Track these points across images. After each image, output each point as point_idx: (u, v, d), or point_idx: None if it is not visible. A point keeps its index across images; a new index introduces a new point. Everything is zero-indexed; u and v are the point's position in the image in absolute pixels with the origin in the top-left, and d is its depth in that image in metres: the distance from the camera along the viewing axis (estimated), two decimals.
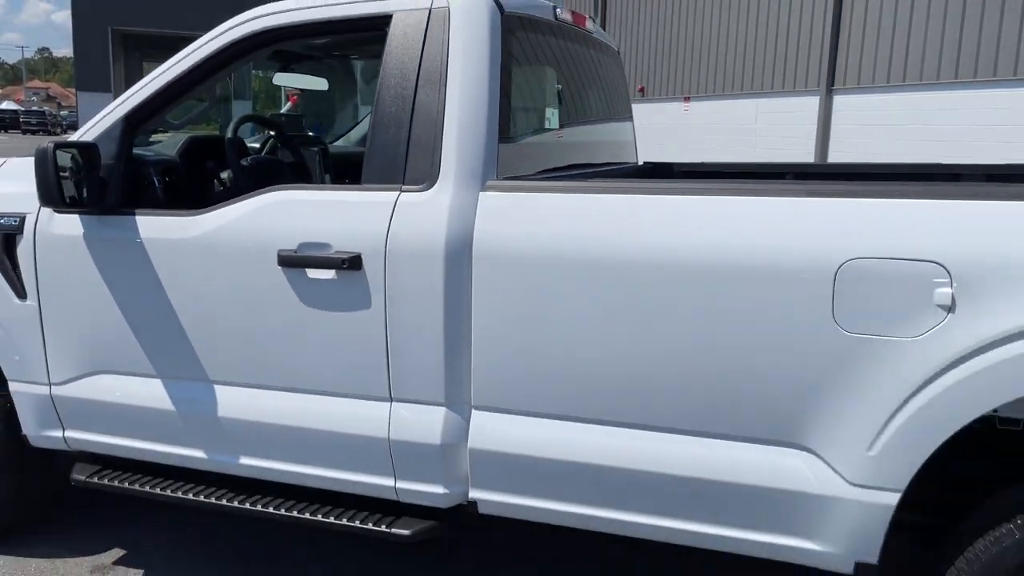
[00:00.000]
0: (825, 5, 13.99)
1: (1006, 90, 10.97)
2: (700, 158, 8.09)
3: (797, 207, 2.08)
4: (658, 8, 19.21)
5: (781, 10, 15.17)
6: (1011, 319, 1.87)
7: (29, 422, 2.95)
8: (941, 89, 11.95)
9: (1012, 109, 10.86)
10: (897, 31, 12.69)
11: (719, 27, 17.00)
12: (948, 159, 8.35)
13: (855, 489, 2.05)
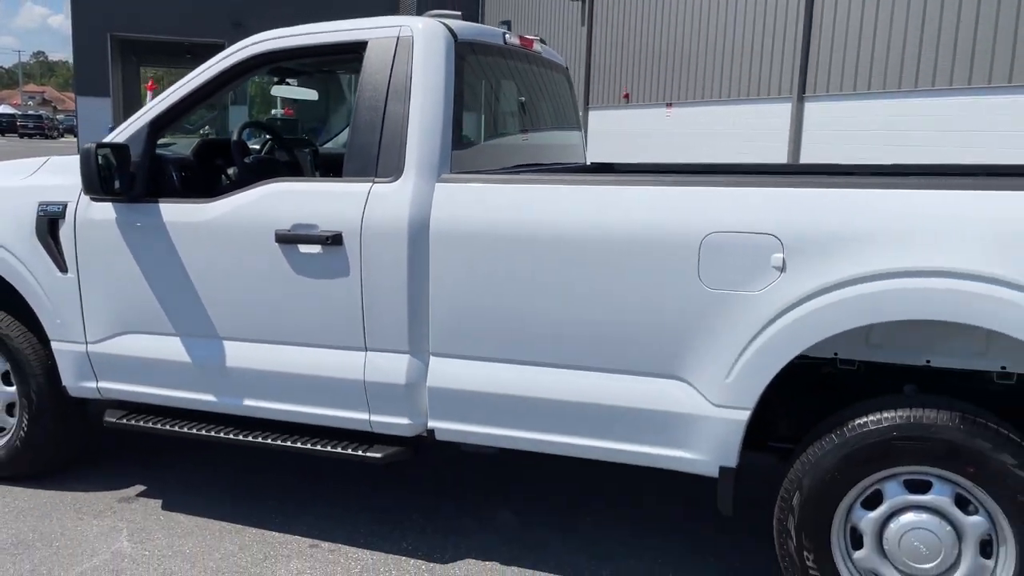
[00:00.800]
0: (797, 17, 14.67)
1: (963, 98, 11.64)
2: (680, 161, 8.71)
3: (672, 193, 2.71)
4: (642, 18, 19.87)
5: (756, 21, 15.85)
6: (821, 278, 2.51)
7: (68, 375, 3.57)
8: (904, 97, 12.62)
9: (967, 116, 11.53)
10: (863, 42, 13.37)
11: (699, 37, 17.67)
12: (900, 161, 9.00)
13: (717, 409, 2.68)
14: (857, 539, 2.63)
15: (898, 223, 2.48)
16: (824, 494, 2.60)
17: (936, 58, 12.04)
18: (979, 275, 2.39)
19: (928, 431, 2.48)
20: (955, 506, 2.52)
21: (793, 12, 14.79)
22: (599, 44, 21.88)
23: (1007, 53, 11.02)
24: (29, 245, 3.53)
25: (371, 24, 3.22)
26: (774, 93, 15.36)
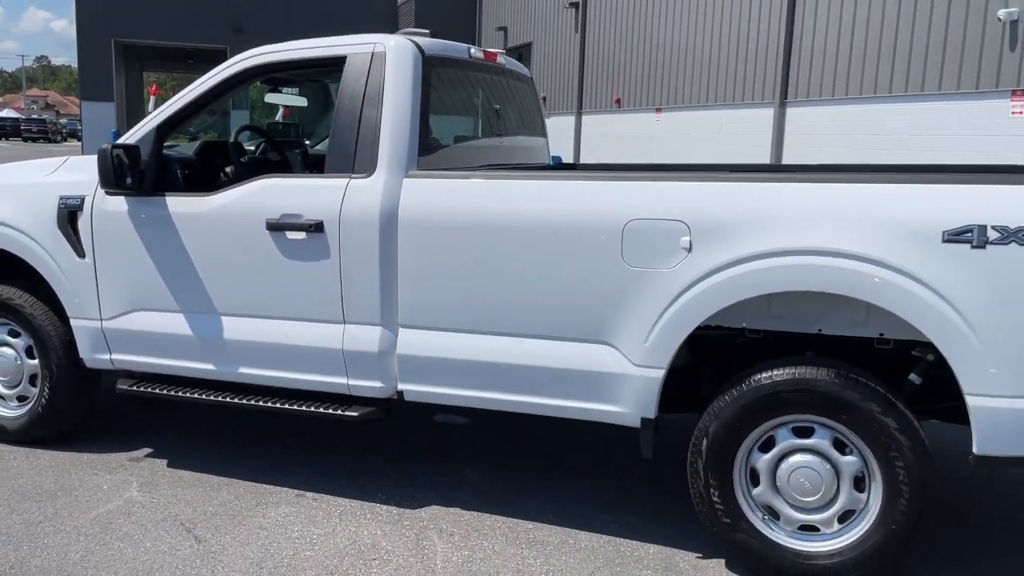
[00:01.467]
0: (778, 26, 15.18)
1: (933, 103, 12.13)
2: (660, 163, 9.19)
3: (601, 187, 3.20)
4: (633, 26, 20.39)
5: (740, 30, 16.35)
6: (721, 257, 2.99)
7: (85, 348, 4.06)
8: (878, 102, 13.12)
9: (936, 119, 12.03)
10: (840, 51, 13.87)
11: (687, 44, 18.18)
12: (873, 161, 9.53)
13: (638, 368, 3.17)
14: (754, 477, 3.12)
15: (786, 211, 2.97)
16: (726, 440, 3.08)
17: (908, 67, 12.55)
18: (853, 254, 2.87)
19: (809, 385, 2.97)
20: (833, 448, 3.01)
21: (775, 22, 15.30)
22: (592, 50, 22.40)
23: (973, 62, 11.53)
24: (51, 234, 4.02)
25: (350, 41, 3.71)
26: (757, 98, 15.85)
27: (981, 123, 11.40)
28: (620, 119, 20.95)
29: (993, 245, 2.73)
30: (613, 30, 21.32)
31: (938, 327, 2.80)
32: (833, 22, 13.97)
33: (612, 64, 21.39)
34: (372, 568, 3.15)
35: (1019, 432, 2.78)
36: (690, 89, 18.06)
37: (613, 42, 21.32)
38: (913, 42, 12.47)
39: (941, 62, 12.00)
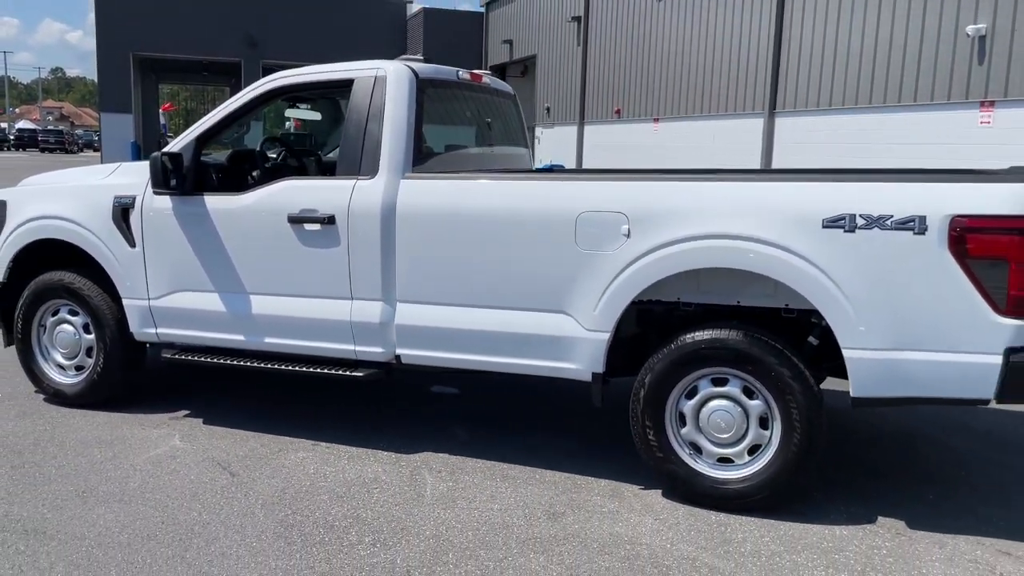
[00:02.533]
0: (768, 41, 15.93)
1: (913, 113, 12.86)
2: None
3: (560, 186, 3.96)
4: (631, 40, 21.17)
5: (732, 44, 17.11)
6: (652, 241, 3.73)
7: (135, 323, 4.83)
8: (861, 112, 13.85)
9: (916, 129, 12.75)
10: (824, 65, 14.61)
11: (682, 57, 18.95)
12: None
13: (589, 332, 3.91)
14: (682, 419, 3.85)
15: (703, 205, 3.71)
16: (659, 388, 3.82)
17: (887, 80, 13.28)
18: (753, 237, 3.61)
19: (722, 343, 3.71)
20: (743, 394, 3.75)
21: (764, 39, 16.06)
22: (593, 63, 23.19)
23: (946, 75, 12.26)
24: (106, 227, 4.79)
25: (357, 66, 4.48)
26: (748, 109, 16.61)
27: (953, 132, 12.14)
28: (620, 129, 21.71)
29: (860, 230, 3.47)
30: (613, 44, 22.10)
31: (820, 296, 3.54)
32: (818, 40, 14.72)
33: (612, 76, 22.16)
34: (373, 494, 3.90)
35: (883, 378, 3.52)
36: (686, 100, 18.82)
37: (613, 55, 22.10)
38: (891, 57, 13.21)
39: (916, 75, 12.74)
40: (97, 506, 3.73)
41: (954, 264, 3.38)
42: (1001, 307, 3.36)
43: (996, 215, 3.34)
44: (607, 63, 22.39)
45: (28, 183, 5.41)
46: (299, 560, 3.29)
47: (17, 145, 64.03)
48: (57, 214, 4.93)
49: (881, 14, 13.36)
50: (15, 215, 5.11)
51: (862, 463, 4.46)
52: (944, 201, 3.40)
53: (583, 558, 3.35)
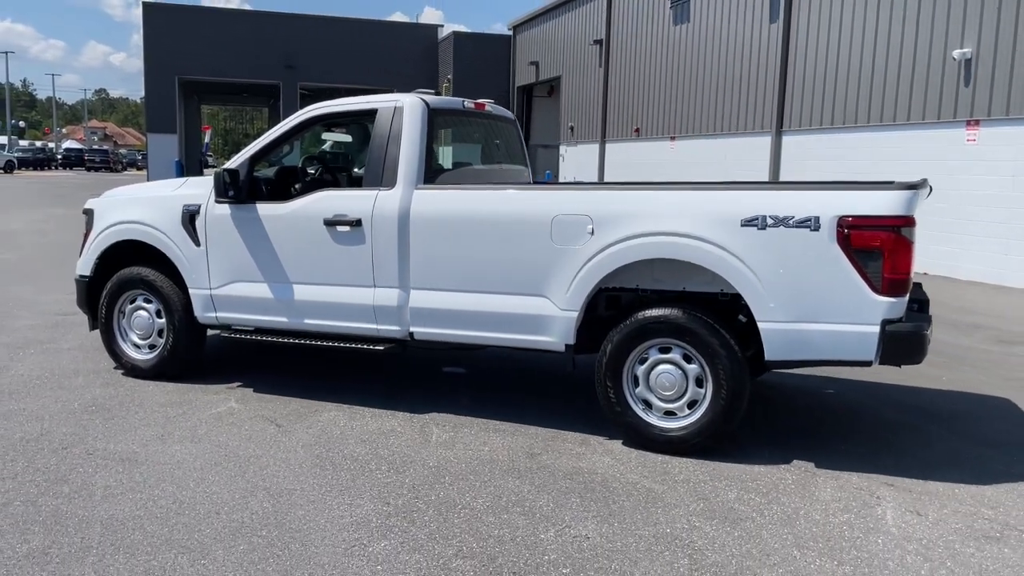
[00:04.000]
0: (774, 64, 16.83)
1: (905, 132, 13.67)
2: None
3: (539, 195, 4.96)
4: (649, 62, 22.15)
5: (741, 67, 18.03)
6: (611, 238, 4.71)
7: (198, 309, 5.89)
8: (859, 131, 14.68)
9: (908, 146, 13.56)
10: (827, 86, 15.48)
11: (695, 78, 19.89)
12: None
13: (562, 311, 4.88)
14: (636, 381, 4.81)
15: (649, 209, 4.68)
16: (618, 355, 4.78)
17: (883, 101, 14.12)
18: (687, 234, 4.57)
19: (667, 319, 4.66)
20: (683, 360, 4.70)
21: (771, 60, 16.96)
22: (614, 84, 24.19)
23: (935, 96, 13.09)
24: (176, 230, 5.87)
25: (380, 99, 5.53)
26: (756, 127, 17.49)
27: (942, 149, 12.95)
28: (639, 147, 22.65)
29: (769, 227, 4.42)
30: (633, 66, 23.08)
31: (739, 280, 4.49)
32: (820, 64, 15.61)
33: (632, 96, 23.13)
34: (390, 440, 4.90)
35: (789, 344, 4.45)
36: (700, 119, 19.73)
37: (633, 76, 23.08)
38: (886, 80, 14.07)
39: (910, 96, 13.58)
40: (174, 445, 4.77)
41: (841, 254, 4.32)
42: (878, 288, 4.29)
43: (873, 215, 4.28)
44: (627, 84, 23.38)
45: (110, 195, 6.51)
46: (330, 479, 4.30)
47: (64, 164, 66.47)
48: (136, 219, 6.03)
49: (877, 40, 14.22)
50: (100, 221, 6.22)
51: (798, 426, 5.39)
52: (833, 205, 4.34)
53: (549, 481, 4.32)
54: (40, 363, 6.50)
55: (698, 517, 3.93)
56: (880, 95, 14.17)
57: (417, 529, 3.75)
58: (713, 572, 3.40)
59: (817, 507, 4.08)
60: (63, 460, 4.49)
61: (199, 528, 3.71)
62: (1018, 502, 4.18)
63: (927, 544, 3.70)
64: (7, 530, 3.65)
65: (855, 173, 14.43)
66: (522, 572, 3.38)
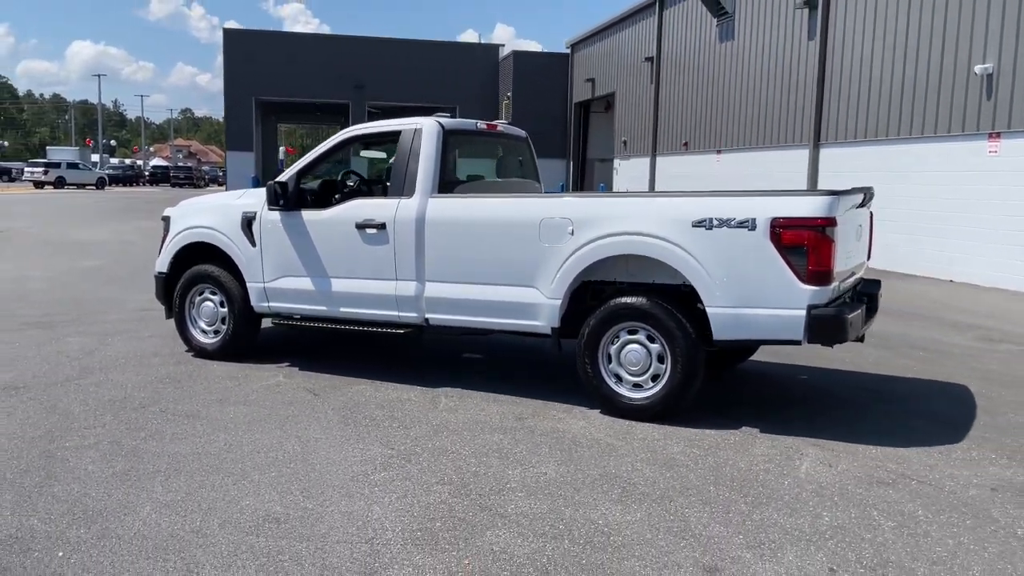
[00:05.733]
0: (812, 77, 17.41)
1: (933, 144, 14.15)
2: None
3: (529, 202, 5.90)
4: (697, 79, 22.86)
5: (783, 80, 18.64)
6: (588, 237, 5.61)
7: (254, 299, 6.99)
8: (890, 143, 15.19)
9: (936, 157, 14.05)
10: (860, 103, 16.02)
11: (740, 93, 20.54)
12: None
13: (548, 299, 5.81)
14: (609, 358, 5.69)
15: (619, 212, 5.58)
16: (594, 335, 5.67)
17: (912, 115, 14.63)
18: (648, 234, 5.45)
19: (633, 306, 5.54)
20: (647, 340, 5.56)
21: (811, 75, 17.55)
22: (664, 99, 24.94)
23: (960, 109, 13.56)
24: (237, 234, 6.98)
25: (403, 122, 6.55)
26: (796, 141, 18.07)
27: (966, 160, 13.43)
28: (688, 160, 23.35)
29: (715, 228, 5.27)
30: (682, 81, 23.82)
31: (690, 272, 5.35)
32: (855, 79, 16.18)
33: (681, 111, 23.86)
34: (404, 406, 5.88)
35: (731, 325, 5.28)
36: (744, 133, 20.37)
37: (682, 92, 23.81)
38: (915, 95, 14.58)
39: (936, 110, 14.09)
40: (229, 407, 5.85)
41: (773, 250, 5.14)
42: (803, 278, 5.09)
43: (800, 217, 5.09)
44: (676, 100, 24.12)
45: (183, 205, 7.68)
46: (350, 431, 5.30)
47: (151, 180, 70.02)
48: (204, 225, 7.18)
49: (907, 56, 14.74)
50: (175, 226, 7.39)
51: (760, 403, 6.19)
52: (767, 208, 5.17)
53: (528, 437, 5.24)
54: (125, 347, 7.70)
55: (642, 463, 4.80)
56: (909, 109, 14.67)
57: (412, 466, 4.71)
58: (637, 497, 4.28)
59: (746, 459, 4.90)
60: (141, 415, 5.61)
61: (242, 461, 4.74)
62: (922, 459, 4.93)
63: (825, 485, 4.50)
64: (98, 459, 4.74)
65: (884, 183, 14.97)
66: (486, 494, 4.31)
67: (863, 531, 3.92)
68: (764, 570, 3.53)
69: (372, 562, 3.55)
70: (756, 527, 3.95)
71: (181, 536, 3.76)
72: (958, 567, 3.57)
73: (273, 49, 36.50)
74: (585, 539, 3.80)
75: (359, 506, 4.14)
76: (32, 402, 5.85)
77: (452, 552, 3.66)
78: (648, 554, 3.66)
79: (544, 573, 3.47)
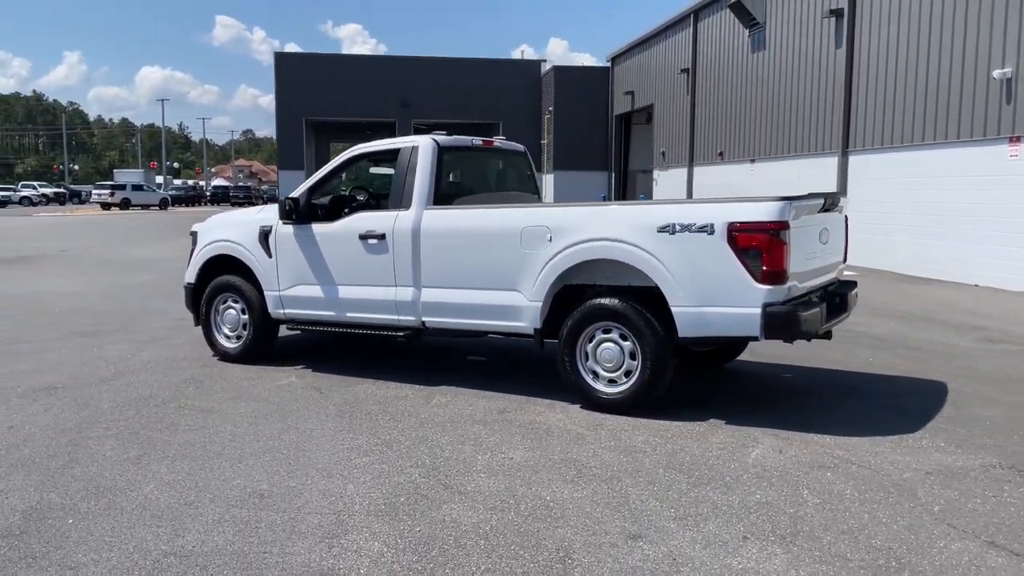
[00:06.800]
0: (840, 84, 17.54)
1: (951, 149, 14.21)
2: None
3: (511, 211, 6.37)
4: (730, 90, 23.06)
5: (811, 88, 18.79)
6: (564, 243, 6.04)
7: (271, 306, 7.57)
8: (915, 150, 15.26)
9: (955, 163, 14.10)
10: (887, 111, 16.11)
11: (771, 103, 20.71)
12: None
13: (530, 302, 6.25)
14: (586, 355, 6.10)
15: (591, 221, 6.00)
16: (573, 334, 6.09)
17: (935, 120, 14.70)
18: (618, 239, 5.86)
19: (607, 306, 5.95)
20: (620, 338, 5.96)
21: (838, 83, 17.68)
22: (700, 110, 25.17)
23: (981, 114, 13.62)
24: (255, 246, 7.58)
25: (402, 140, 7.08)
26: (825, 148, 18.19)
27: (986, 165, 13.50)
28: (723, 170, 23.55)
29: (678, 233, 5.66)
30: (716, 92, 24.05)
31: (657, 275, 5.74)
32: (880, 86, 16.29)
33: (716, 121, 24.08)
34: (400, 402, 6.37)
35: (694, 323, 5.65)
36: (776, 142, 20.53)
37: (716, 102, 24.04)
38: (938, 101, 14.67)
39: (959, 115, 14.16)
40: (241, 403, 6.41)
41: (730, 252, 5.50)
42: (758, 278, 5.44)
43: (754, 221, 5.46)
44: (711, 110, 24.34)
45: (208, 220, 8.33)
46: (344, 424, 5.81)
47: (212, 200, 72.32)
48: (227, 238, 7.80)
49: (930, 62, 14.82)
50: (202, 240, 8.04)
51: (734, 399, 6.53)
52: (724, 214, 5.54)
53: (505, 428, 5.68)
54: (158, 352, 8.36)
55: (604, 450, 5.20)
56: (933, 114, 14.75)
57: (392, 452, 5.19)
58: (588, 478, 4.69)
59: (703, 446, 5.26)
60: (160, 410, 6.20)
61: (242, 448, 5.28)
62: (871, 447, 5.23)
63: (768, 468, 4.84)
64: (117, 446, 5.33)
65: (909, 188, 15.04)
66: (452, 475, 4.76)
67: (787, 506, 4.27)
68: (683, 537, 3.91)
69: (336, 528, 4.03)
70: (689, 503, 4.33)
71: (175, 508, 4.30)
72: (864, 536, 3.91)
73: (322, 71, 37.68)
74: (529, 512, 4.23)
75: (336, 484, 4.63)
76: (67, 400, 6.50)
77: (408, 521, 4.12)
78: (582, 524, 4.07)
79: (484, 538, 3.91)
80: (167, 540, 3.92)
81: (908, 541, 3.86)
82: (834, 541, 3.86)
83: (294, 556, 3.74)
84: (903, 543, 3.84)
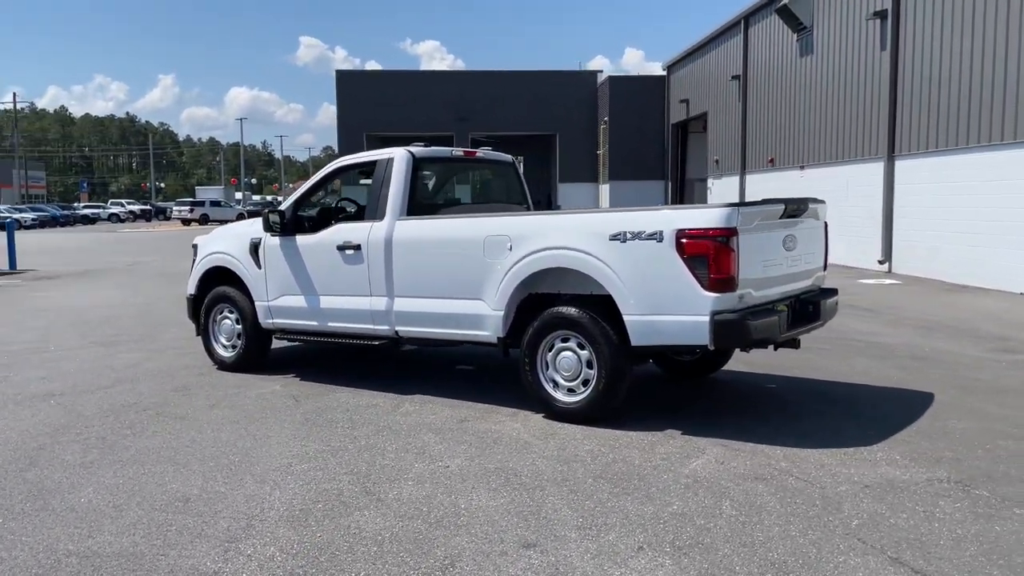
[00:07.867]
0: (885, 87, 17.02)
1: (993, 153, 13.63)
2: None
3: (476, 220, 6.40)
4: (780, 94, 22.60)
5: (858, 92, 18.28)
6: (523, 252, 6.04)
7: (261, 316, 7.76)
8: (964, 152, 14.70)
9: (997, 167, 13.52)
10: (931, 115, 15.57)
11: (819, 108, 20.22)
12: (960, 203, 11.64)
13: (493, 311, 6.25)
14: (546, 364, 6.07)
15: (548, 229, 5.98)
16: (534, 343, 6.07)
17: (980, 125, 14.13)
18: (573, 248, 5.82)
19: (564, 315, 5.92)
20: (578, 347, 5.92)
21: (884, 86, 17.16)
22: (751, 117, 24.74)
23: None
24: (246, 257, 7.79)
25: (378, 153, 7.18)
26: (871, 154, 17.66)
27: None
28: (773, 176, 23.08)
29: (628, 241, 5.59)
30: (766, 98, 23.61)
31: (609, 283, 5.69)
32: (925, 92, 15.77)
33: (766, 128, 23.62)
34: (369, 411, 6.44)
35: (646, 332, 5.57)
36: (825, 147, 20.05)
37: (766, 108, 23.60)
38: (982, 103, 14.11)
39: (1003, 117, 13.59)
40: (216, 410, 6.58)
41: (679, 260, 5.42)
42: (706, 286, 5.34)
43: (701, 228, 5.36)
44: (762, 116, 23.88)
45: (209, 234, 8.58)
46: (301, 431, 5.91)
47: None
48: (222, 250, 8.04)
49: (973, 64, 14.27)
50: (201, 252, 8.30)
51: (704, 409, 6.40)
52: (673, 221, 5.46)
53: (458, 437, 5.69)
54: (164, 362, 8.65)
55: (543, 459, 5.17)
56: (977, 118, 14.19)
57: (334, 459, 5.27)
58: (513, 487, 4.67)
59: (645, 457, 5.18)
60: (138, 416, 6.42)
61: (193, 454, 5.43)
62: (819, 459, 5.06)
63: (700, 480, 4.74)
64: (78, 451, 5.54)
65: (957, 193, 14.49)
66: (380, 482, 4.81)
67: (699, 518, 4.18)
68: (577, 547, 3.87)
69: (241, 533, 4.12)
70: (601, 512, 4.28)
71: (100, 510, 4.46)
72: (763, 549, 3.80)
73: (382, 87, 38.41)
74: (436, 520, 4.24)
75: (264, 490, 4.72)
76: (57, 406, 6.79)
77: (314, 527, 4.18)
78: (482, 532, 4.06)
79: (378, 545, 3.94)
80: (77, 541, 4.06)
81: (807, 555, 3.73)
82: (730, 554, 3.76)
83: (187, 560, 3.83)
84: (800, 557, 3.71)
